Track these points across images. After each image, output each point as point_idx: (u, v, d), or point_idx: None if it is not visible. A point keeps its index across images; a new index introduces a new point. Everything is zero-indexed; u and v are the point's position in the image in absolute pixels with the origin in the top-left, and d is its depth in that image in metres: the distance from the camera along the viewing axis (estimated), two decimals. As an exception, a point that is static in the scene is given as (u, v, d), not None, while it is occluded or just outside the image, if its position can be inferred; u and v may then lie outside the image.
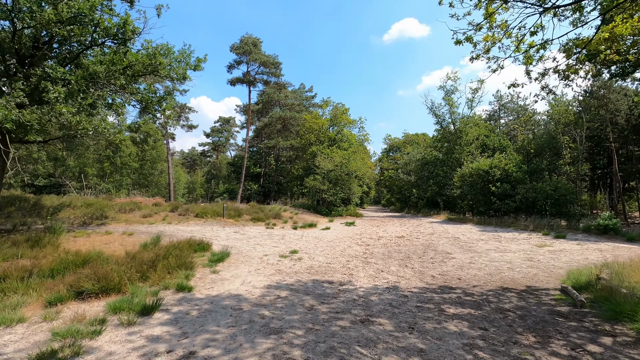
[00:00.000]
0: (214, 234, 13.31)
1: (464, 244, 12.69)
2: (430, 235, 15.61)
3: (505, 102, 45.70)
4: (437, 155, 30.85)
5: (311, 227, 18.03)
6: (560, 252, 10.86)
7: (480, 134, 28.07)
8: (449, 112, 29.30)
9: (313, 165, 27.43)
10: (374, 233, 16.50)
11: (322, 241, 13.18)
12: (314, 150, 28.19)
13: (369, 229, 18.32)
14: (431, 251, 11.12)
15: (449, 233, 16.44)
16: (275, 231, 15.48)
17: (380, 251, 11.00)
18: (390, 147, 58.10)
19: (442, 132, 30.06)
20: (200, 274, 6.72)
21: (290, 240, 12.89)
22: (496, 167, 20.54)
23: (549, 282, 6.94)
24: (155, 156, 38.07)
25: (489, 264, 8.81)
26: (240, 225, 16.32)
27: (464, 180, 22.55)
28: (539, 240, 13.63)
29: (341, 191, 26.79)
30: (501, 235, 15.43)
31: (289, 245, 11.59)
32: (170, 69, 12.68)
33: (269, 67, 29.48)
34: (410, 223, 22.46)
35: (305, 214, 24.61)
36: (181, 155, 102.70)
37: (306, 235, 14.97)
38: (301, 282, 6.48)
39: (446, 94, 29.45)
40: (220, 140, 60.12)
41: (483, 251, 11.07)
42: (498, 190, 19.11)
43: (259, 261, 8.51)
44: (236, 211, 18.67)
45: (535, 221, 17.42)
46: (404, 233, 16.49)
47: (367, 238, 14.45)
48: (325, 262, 8.83)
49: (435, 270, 8.11)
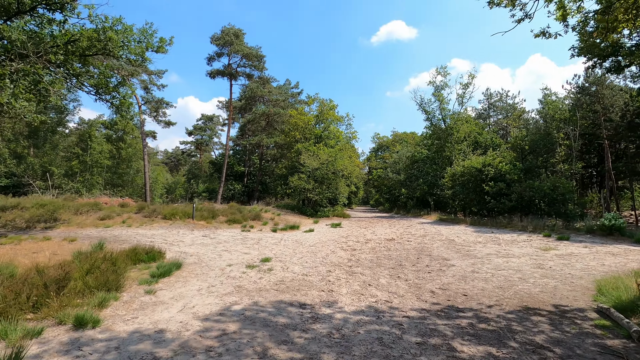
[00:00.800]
0: (178, 238, 11.58)
1: (461, 248, 11.35)
2: (423, 238, 14.25)
3: (495, 101, 45.17)
4: (427, 153, 29.71)
5: (293, 229, 16.45)
6: (569, 256, 9.61)
7: (471, 130, 27.05)
8: (439, 109, 28.20)
9: (298, 163, 25.85)
10: (361, 235, 15.04)
11: (303, 246, 11.63)
12: (299, 147, 26.64)
13: (356, 231, 16.86)
14: (426, 257, 9.70)
15: (442, 235, 15.13)
16: (251, 234, 13.83)
17: (368, 257, 9.51)
18: (379, 147, 56.92)
19: (432, 129, 28.92)
20: (130, 296, 5.06)
21: (265, 245, 11.28)
22: (489, 165, 19.42)
23: (576, 299, 5.57)
24: (131, 154, 35.79)
25: (496, 273, 7.42)
26: (213, 227, 14.60)
27: (456, 179, 21.38)
28: (541, 242, 12.42)
29: (327, 191, 25.30)
30: (499, 237, 14.19)
31: (263, 252, 9.98)
32: (125, 47, 10.90)
33: (252, 59, 27.78)
34: (400, 224, 21.13)
35: (289, 215, 23.00)
36: (165, 155, 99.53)
37: (286, 238, 13.38)
38: (262, 306, 4.90)
39: (436, 89, 28.35)
40: (203, 138, 57.86)
41: (484, 256, 9.72)
42: (492, 190, 17.96)
43: (219, 274, 6.88)
44: (211, 212, 16.93)
45: (533, 222, 16.30)
46: (394, 235, 15.09)
47: (353, 242, 12.97)
48: (302, 273, 7.27)
49: (434, 282, 6.66)
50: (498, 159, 19.46)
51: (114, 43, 10.26)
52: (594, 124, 27.63)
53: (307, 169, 25.30)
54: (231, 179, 39.48)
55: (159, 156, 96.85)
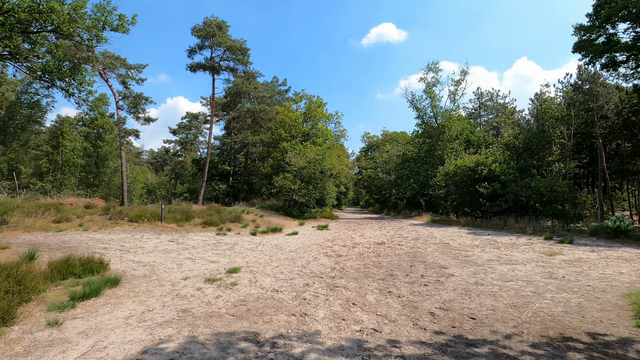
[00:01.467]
0: (139, 244, 10.12)
1: (458, 253, 10.23)
2: (415, 241, 13.12)
3: (485, 100, 44.74)
4: (418, 152, 28.74)
5: (275, 232, 15.12)
6: (579, 263, 8.57)
7: (464, 128, 26.19)
8: (430, 106, 27.27)
9: (283, 162, 24.52)
10: (348, 239, 13.81)
11: (283, 251, 10.32)
12: (285, 146, 25.31)
13: (344, 234, 15.64)
14: (420, 264, 8.53)
15: (436, 238, 14.04)
16: (226, 238, 12.44)
17: (355, 265, 8.28)
18: (369, 147, 55.91)
19: (423, 127, 27.96)
20: (23, 330, 3.68)
21: (239, 252, 9.93)
22: (483, 164, 18.48)
23: (612, 322, 4.43)
24: (108, 153, 33.81)
25: (504, 286, 6.27)
26: (184, 231, 13.14)
27: (449, 179, 20.40)
28: (543, 246, 11.41)
29: (314, 191, 24.04)
30: (497, 240, 13.16)
31: (234, 260, 8.64)
32: (76, 22, 9.42)
33: (236, 52, 26.31)
34: (391, 226, 20.02)
35: (273, 216, 21.64)
36: (150, 155, 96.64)
37: (265, 243, 12.04)
38: (202, 343, 3.59)
39: (427, 86, 27.42)
40: (188, 137, 55.93)
41: (484, 263, 8.61)
42: (487, 191, 16.99)
43: (167, 291, 5.53)
44: (185, 214, 15.45)
45: (530, 223, 15.37)
46: (384, 238, 13.92)
47: (339, 246, 11.72)
48: (272, 288, 5.97)
49: (433, 299, 5.45)
50: (491, 158, 18.55)
51: (60, 16, 8.78)
52: (586, 122, 27.16)
53: (293, 168, 24.00)
54: (216, 179, 37.83)
55: (144, 156, 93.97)
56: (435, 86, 27.39)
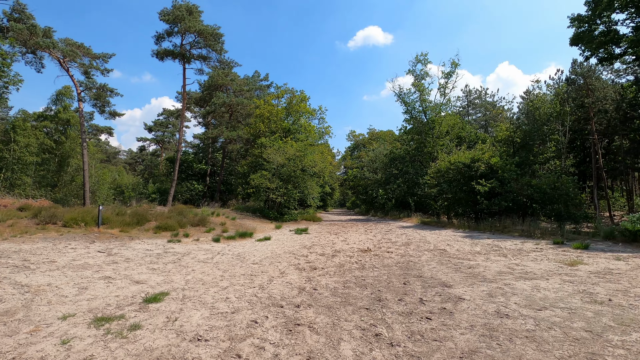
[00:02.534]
0: (53, 257, 7.78)
1: (459, 263, 8.36)
2: (406, 247, 11.21)
3: (473, 99, 43.71)
4: (406, 149, 27.06)
5: (243, 237, 12.95)
6: (612, 276, 6.80)
7: (455, 123, 24.65)
8: (419, 100, 25.61)
9: (261, 159, 22.33)
10: (329, 245, 11.79)
11: (244, 263, 8.20)
12: (263, 141, 23.11)
13: (325, 239, 13.60)
14: (415, 279, 6.58)
15: (429, 243, 12.18)
16: (178, 247, 10.20)
17: (331, 284, 6.24)
18: (354, 146, 54.11)
19: (412, 123, 26.27)
20: None
21: (185, 265, 7.74)
22: (479, 160, 16.84)
23: None
24: (70, 150, 30.73)
25: (539, 318, 4.37)
26: (127, 238, 10.79)
27: (441, 177, 18.69)
28: (556, 253, 9.68)
29: (295, 190, 21.93)
30: (499, 245, 11.40)
31: (170, 278, 6.46)
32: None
33: (207, 38, 23.91)
34: (378, 229, 18.13)
35: (248, 218, 19.41)
36: (129, 155, 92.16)
37: (226, 252, 9.88)
38: None
39: (416, 78, 25.77)
40: (165, 135, 52.86)
41: (496, 277, 6.74)
42: (485, 189, 15.31)
43: (5, 350, 3.33)
44: (137, 217, 13.06)
45: (532, 225, 13.73)
46: (370, 244, 11.96)
47: (317, 255, 9.68)
48: (195, 333, 3.85)
49: (445, 349, 3.46)
50: (488, 153, 16.94)
51: None
52: (579, 119, 26.07)
53: (272, 165, 21.83)
54: (192, 179, 35.21)
55: (122, 156, 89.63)
56: (424, 79, 25.80)
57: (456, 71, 24.23)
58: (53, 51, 27.66)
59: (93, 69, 29.51)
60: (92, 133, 58.79)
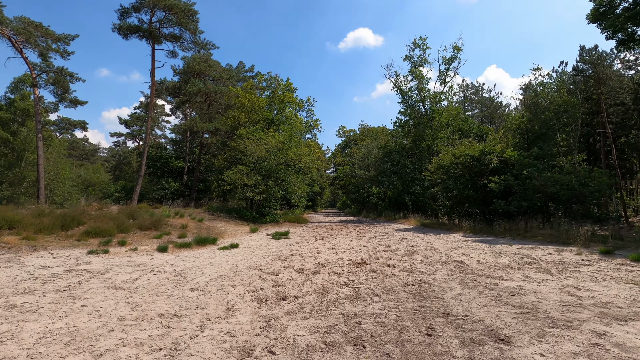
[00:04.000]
0: None
1: (493, 285, 5.79)
2: (411, 258, 8.61)
3: (470, 94, 41.69)
4: (402, 142, 24.57)
5: (203, 244, 10.13)
6: None
7: (457, 114, 22.29)
8: (417, 88, 23.16)
9: (239, 152, 19.48)
10: (312, 254, 9.09)
11: (178, 289, 5.43)
12: (242, 132, 20.28)
13: (307, 246, 10.89)
14: (444, 325, 3.91)
15: (439, 252, 9.59)
16: (96, 262, 7.34)
17: (303, 338, 3.51)
18: (345, 143, 51.46)
19: (409, 114, 23.78)
20: None
21: (77, 296, 4.94)
22: (491, 152, 14.42)
23: None
24: (22, 143, 27.24)
25: None
26: (26, 248, 7.87)
27: (444, 172, 16.22)
28: (615, 267, 7.19)
29: (276, 187, 19.15)
30: (530, 254, 8.89)
31: (16, 330, 3.65)
32: None
33: (180, 15, 20.99)
34: (372, 232, 15.51)
35: (221, 220, 16.54)
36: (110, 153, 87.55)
37: (165, 267, 7.08)
38: None
39: (413, 65, 23.32)
40: (142, 129, 49.25)
41: (564, 315, 4.16)
42: (499, 186, 12.85)
43: None
44: (65, 219, 10.11)
45: (561, 228, 11.31)
46: (365, 253, 9.31)
47: (292, 270, 6.98)
48: None
49: None
50: (500, 145, 14.56)
51: None
52: (589, 112, 24.02)
53: (251, 159, 19.01)
54: (167, 176, 32.02)
55: (102, 153, 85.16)
56: (423, 66, 23.38)
57: (458, 56, 21.94)
58: (3, 28, 24.26)
59: (52, 52, 26.17)
60: (63, 127, 54.85)
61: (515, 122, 16.12)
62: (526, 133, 15.33)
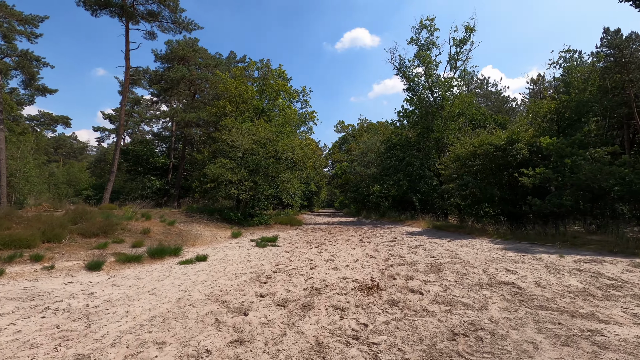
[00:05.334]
0: None
1: (590, 330, 3.32)
2: (439, 277, 6.15)
3: (475, 87, 39.37)
4: (407, 136, 22.16)
5: (160, 257, 7.64)
6: None
7: (470, 101, 19.91)
8: (425, 74, 20.75)
9: (223, 143, 16.98)
10: (302, 272, 6.59)
11: (58, 352, 2.94)
12: (228, 122, 17.79)
13: (299, 256, 8.40)
14: None
15: (473, 266, 7.13)
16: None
17: None
18: (343, 140, 48.83)
19: (415, 103, 21.35)
20: None
21: None
22: (519, 140, 12.06)
23: None
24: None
25: None
26: None
27: (462, 166, 13.85)
28: None
29: (265, 184, 16.65)
30: (602, 272, 6.47)
31: None
32: None
33: (156, -11, 18.52)
34: (377, 236, 13.04)
35: (199, 223, 14.04)
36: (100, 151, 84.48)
37: (70, 303, 4.58)
38: None
39: (420, 48, 20.92)
40: (129, 125, 46.52)
41: None
42: (534, 180, 10.48)
43: None
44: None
45: (619, 231, 8.95)
46: (375, 269, 6.83)
47: (270, 305, 4.47)
48: None
49: None
50: (531, 131, 12.24)
51: None
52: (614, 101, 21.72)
53: (237, 152, 16.53)
54: (151, 174, 29.40)
55: (92, 151, 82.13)
56: (430, 50, 20.98)
57: (471, 38, 19.58)
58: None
59: (18, 34, 23.48)
60: (44, 123, 51.93)
61: (544, 107, 13.79)
62: (557, 119, 12.99)
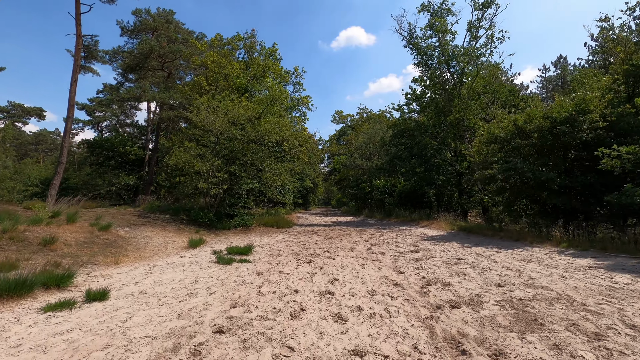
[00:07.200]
0: None
1: None
2: (541, 335, 2.65)
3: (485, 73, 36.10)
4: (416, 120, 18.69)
5: (13, 297, 4.13)
6: None
7: (496, 74, 16.59)
8: (440, 45, 17.35)
9: (193, 126, 13.46)
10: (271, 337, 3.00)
11: None
12: (201, 101, 14.27)
13: (277, 284, 4.67)
14: None
15: (588, 309, 3.53)
16: None
17: None
18: (341, 132, 45.10)
19: (427, 80, 17.88)
20: None
21: None
22: (592, 110, 8.75)
23: None
24: None
25: None
26: None
27: (500, 149, 10.50)
28: None
29: (244, 174, 13.14)
30: None
31: None
32: None
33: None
34: (389, 242, 9.56)
35: (153, 226, 10.53)
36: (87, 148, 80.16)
37: None
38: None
39: (433, 16, 17.53)
40: (106, 115, 42.66)
41: None
42: (626, 163, 7.17)
43: None
44: None
45: None
46: (411, 318, 3.13)
47: None
48: None
49: None
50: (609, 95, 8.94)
51: None
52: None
53: (210, 138, 13.02)
54: (122, 168, 25.72)
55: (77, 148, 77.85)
56: (444, 18, 17.58)
57: (496, 1, 16.21)
58: None
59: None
60: (15, 115, 47.87)
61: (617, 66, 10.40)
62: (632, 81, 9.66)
